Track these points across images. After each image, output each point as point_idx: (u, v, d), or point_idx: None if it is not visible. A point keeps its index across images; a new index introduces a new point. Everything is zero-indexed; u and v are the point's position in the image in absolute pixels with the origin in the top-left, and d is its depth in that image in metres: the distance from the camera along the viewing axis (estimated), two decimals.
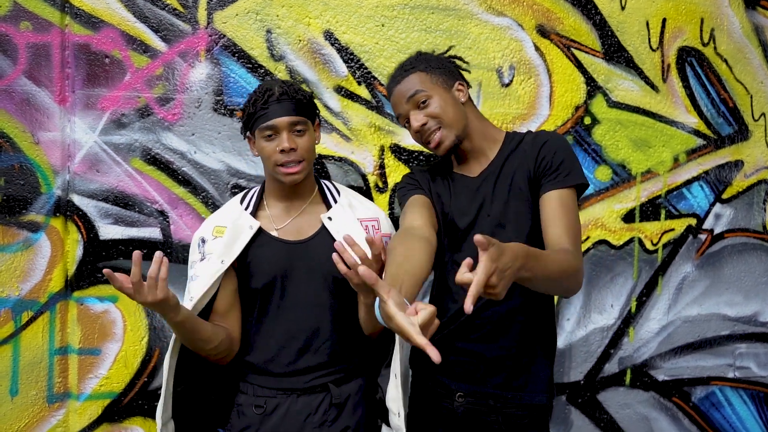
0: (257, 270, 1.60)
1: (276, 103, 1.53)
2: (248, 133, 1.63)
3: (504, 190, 1.51)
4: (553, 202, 1.43)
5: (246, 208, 1.65)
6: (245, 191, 1.75)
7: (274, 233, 1.62)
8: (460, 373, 1.54)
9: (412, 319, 0.99)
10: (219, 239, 1.59)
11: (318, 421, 1.56)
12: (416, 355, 1.65)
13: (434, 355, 0.94)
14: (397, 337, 1.50)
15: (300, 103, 1.57)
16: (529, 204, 1.50)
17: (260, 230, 1.62)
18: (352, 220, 1.64)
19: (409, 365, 1.69)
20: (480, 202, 1.53)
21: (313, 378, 1.58)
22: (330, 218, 1.63)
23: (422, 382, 1.62)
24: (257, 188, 1.73)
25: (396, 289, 1.06)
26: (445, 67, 1.58)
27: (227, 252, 1.57)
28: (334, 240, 1.55)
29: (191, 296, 1.56)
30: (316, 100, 2.16)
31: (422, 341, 0.96)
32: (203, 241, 1.63)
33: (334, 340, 1.60)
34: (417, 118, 1.50)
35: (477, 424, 1.53)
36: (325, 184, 1.76)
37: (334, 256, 1.24)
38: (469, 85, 1.62)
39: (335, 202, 1.69)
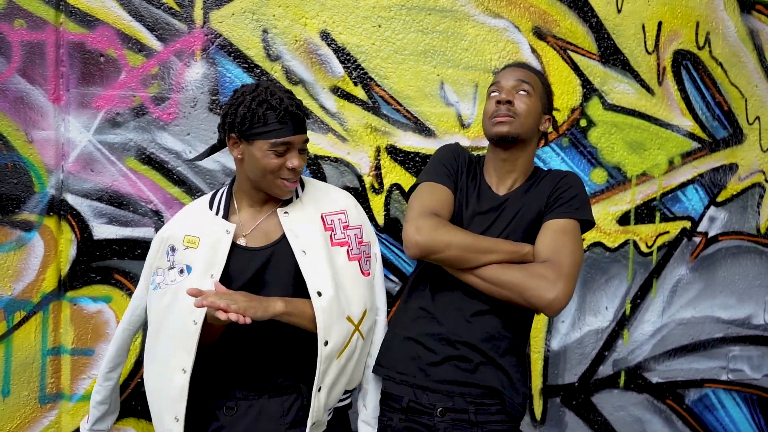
0: (226, 279, 1.53)
1: (290, 119, 1.47)
2: (234, 134, 1.50)
3: (521, 219, 1.58)
4: (551, 227, 1.53)
5: (217, 213, 1.58)
6: (212, 194, 1.66)
7: (241, 241, 1.56)
8: (437, 385, 1.52)
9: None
10: (192, 250, 1.53)
11: (290, 421, 1.54)
12: (400, 363, 1.60)
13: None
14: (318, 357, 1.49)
15: (305, 120, 1.54)
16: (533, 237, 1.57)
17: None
18: (312, 216, 1.59)
19: (384, 383, 1.64)
20: (495, 222, 1.59)
21: (284, 380, 1.55)
22: (286, 212, 1.57)
23: (397, 402, 1.57)
24: (224, 190, 1.64)
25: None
26: (550, 96, 1.69)
27: (211, 264, 1.50)
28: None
29: (194, 319, 1.45)
30: (312, 101, 2.18)
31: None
32: (173, 249, 1.56)
33: (299, 343, 1.55)
34: (510, 93, 1.59)
35: None
36: None
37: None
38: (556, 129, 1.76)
39: (296, 196, 1.62)
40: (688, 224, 2.48)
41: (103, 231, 2.11)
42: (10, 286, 2.05)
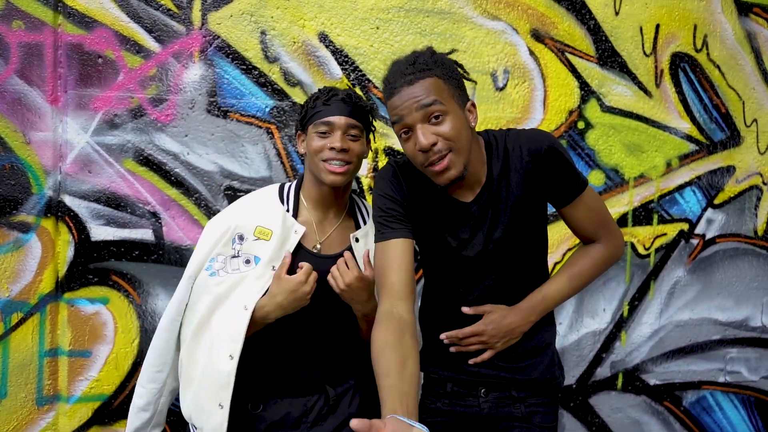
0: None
1: (338, 102, 1.53)
2: (300, 130, 1.61)
3: (504, 212, 1.43)
4: (574, 214, 1.50)
5: (288, 210, 1.59)
6: (278, 187, 1.64)
7: (307, 244, 1.57)
8: (479, 378, 1.54)
9: None
10: (263, 242, 1.54)
11: (312, 420, 1.57)
12: (439, 361, 1.59)
13: None
14: None
15: (360, 110, 1.56)
16: (531, 220, 1.48)
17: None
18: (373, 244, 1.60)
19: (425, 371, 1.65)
20: (482, 229, 1.44)
21: (311, 381, 1.59)
22: (357, 239, 1.59)
23: (441, 388, 1.58)
24: (291, 185, 1.65)
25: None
26: (459, 80, 1.39)
27: (276, 257, 1.53)
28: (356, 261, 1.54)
29: (245, 304, 1.49)
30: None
31: None
32: (241, 237, 1.55)
33: (336, 347, 1.61)
34: (427, 135, 1.28)
35: (502, 418, 1.53)
36: (356, 200, 1.69)
37: (333, 277, 1.48)
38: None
39: (364, 222, 1.64)
40: (685, 226, 2.48)
41: (100, 232, 2.11)
42: (8, 288, 2.04)
